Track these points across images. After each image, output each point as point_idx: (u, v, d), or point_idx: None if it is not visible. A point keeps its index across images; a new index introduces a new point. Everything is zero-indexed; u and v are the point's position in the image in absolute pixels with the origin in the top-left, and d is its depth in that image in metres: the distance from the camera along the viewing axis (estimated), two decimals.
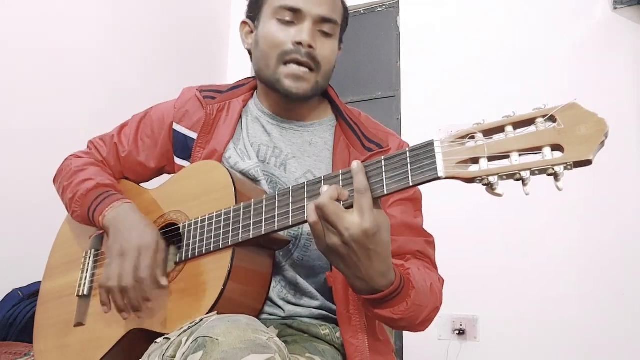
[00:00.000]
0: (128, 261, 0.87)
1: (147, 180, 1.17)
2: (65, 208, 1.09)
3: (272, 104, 1.06)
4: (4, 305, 1.69)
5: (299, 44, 0.95)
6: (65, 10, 2.11)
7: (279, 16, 0.98)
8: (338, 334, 0.94)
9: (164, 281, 0.87)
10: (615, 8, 2.35)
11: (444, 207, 1.91)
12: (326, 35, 0.99)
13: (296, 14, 0.97)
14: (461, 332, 2.33)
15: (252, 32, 1.06)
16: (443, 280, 0.95)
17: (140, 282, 0.85)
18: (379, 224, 0.70)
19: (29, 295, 1.69)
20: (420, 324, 0.86)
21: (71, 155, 1.16)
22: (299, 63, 0.96)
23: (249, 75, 1.16)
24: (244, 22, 1.08)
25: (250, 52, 1.07)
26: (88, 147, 1.18)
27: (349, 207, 0.72)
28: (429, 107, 2.64)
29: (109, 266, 0.89)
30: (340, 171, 0.76)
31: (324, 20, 0.98)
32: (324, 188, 0.73)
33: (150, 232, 0.90)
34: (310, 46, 0.95)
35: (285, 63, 0.97)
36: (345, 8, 1.06)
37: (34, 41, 1.96)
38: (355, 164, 0.72)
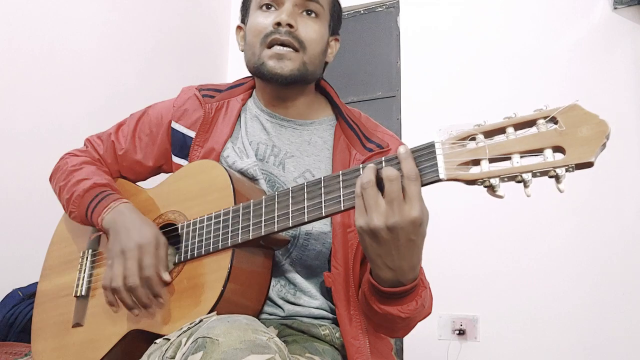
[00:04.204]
0: (130, 260, 0.86)
1: (144, 179, 1.16)
2: (63, 208, 1.09)
3: (268, 97, 1.05)
4: (4, 305, 1.69)
5: (278, 24, 0.95)
6: (64, 9, 2.11)
7: (261, 6, 1.00)
8: (338, 334, 0.93)
9: (166, 277, 0.86)
10: (615, 8, 2.35)
11: (444, 207, 1.90)
12: (310, 16, 0.99)
13: (276, 0, 0.99)
14: (461, 332, 2.33)
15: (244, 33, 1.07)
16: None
17: (147, 281, 0.85)
18: (425, 214, 0.69)
19: (29, 296, 1.69)
20: (410, 329, 0.85)
21: (67, 154, 1.15)
22: (282, 44, 0.96)
23: (249, 75, 1.16)
24: (238, 27, 1.09)
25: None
26: (85, 144, 1.17)
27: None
28: (429, 107, 2.63)
29: (111, 267, 0.88)
30: (341, 172, 0.75)
31: (305, 2, 0.98)
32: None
33: (150, 229, 0.89)
34: (290, 25, 0.95)
35: (269, 47, 0.97)
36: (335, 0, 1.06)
37: (33, 40, 1.96)
38: (403, 149, 0.69)
